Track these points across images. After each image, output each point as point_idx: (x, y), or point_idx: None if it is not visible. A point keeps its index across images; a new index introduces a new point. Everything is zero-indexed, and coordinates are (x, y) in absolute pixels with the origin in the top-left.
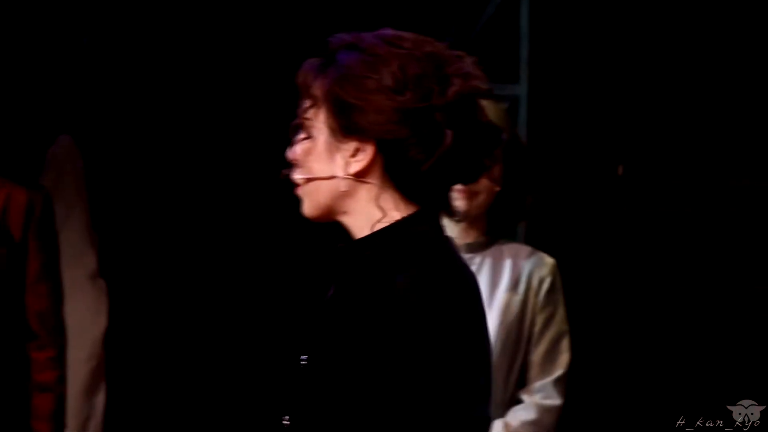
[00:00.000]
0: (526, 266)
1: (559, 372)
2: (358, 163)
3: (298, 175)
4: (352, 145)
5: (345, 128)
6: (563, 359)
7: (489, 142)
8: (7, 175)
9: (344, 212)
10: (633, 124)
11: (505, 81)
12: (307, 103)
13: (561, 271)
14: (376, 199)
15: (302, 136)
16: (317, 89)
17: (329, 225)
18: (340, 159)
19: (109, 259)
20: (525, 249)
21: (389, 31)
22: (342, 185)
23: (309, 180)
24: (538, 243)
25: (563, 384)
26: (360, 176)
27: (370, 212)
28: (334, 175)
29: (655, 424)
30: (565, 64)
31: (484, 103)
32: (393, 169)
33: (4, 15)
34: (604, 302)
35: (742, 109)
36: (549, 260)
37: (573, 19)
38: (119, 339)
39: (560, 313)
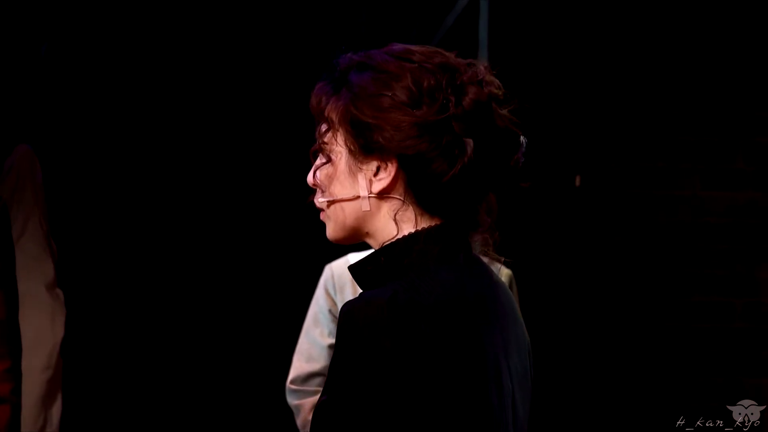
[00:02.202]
0: None
1: None
2: (381, 182)
3: (321, 199)
4: (373, 164)
5: (364, 148)
6: None
7: (509, 148)
8: None
9: (367, 232)
10: (590, 134)
11: None
12: (324, 127)
13: (518, 281)
14: (397, 216)
15: (322, 160)
16: (332, 112)
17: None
18: (362, 179)
19: (67, 268)
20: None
21: (397, 46)
22: (365, 205)
23: (332, 203)
24: (495, 253)
25: None
26: (383, 194)
27: (391, 230)
28: (357, 196)
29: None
30: (524, 74)
31: None
32: (416, 184)
33: None
34: (561, 313)
35: (697, 122)
36: (505, 271)
37: (531, 29)
38: (76, 349)
39: None
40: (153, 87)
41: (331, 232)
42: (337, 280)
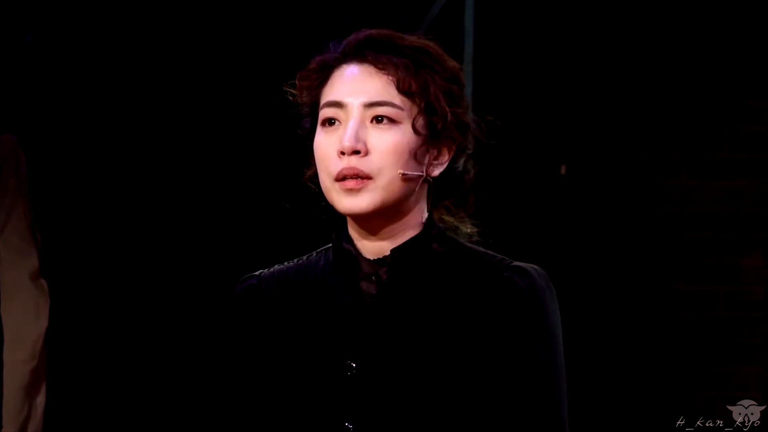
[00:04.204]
0: None
1: None
2: (440, 167)
3: (399, 170)
4: (435, 149)
5: (438, 134)
6: None
7: None
8: None
9: (401, 210)
10: (576, 124)
11: None
12: (400, 100)
13: None
14: (426, 200)
15: (396, 131)
16: (415, 87)
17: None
18: (426, 160)
19: (51, 259)
20: None
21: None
22: (416, 185)
23: (405, 176)
24: (479, 242)
25: None
26: (432, 178)
27: (422, 211)
28: (422, 174)
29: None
30: (509, 64)
31: None
32: (448, 177)
33: None
34: None
35: (682, 111)
36: None
37: (517, 19)
38: (60, 340)
39: None
40: (138, 78)
41: (376, 201)
42: None
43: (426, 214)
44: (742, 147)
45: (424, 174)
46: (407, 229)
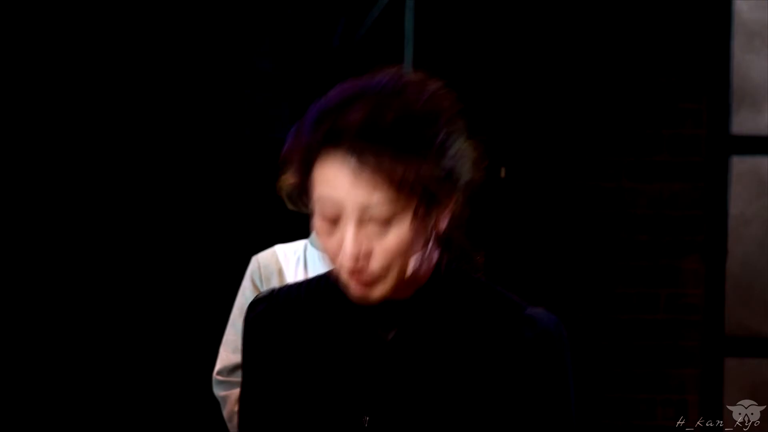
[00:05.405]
0: None
1: None
2: (447, 217)
3: (411, 269)
4: (439, 208)
5: (437, 201)
6: None
7: None
8: None
9: (411, 275)
10: (515, 127)
11: None
12: (394, 194)
13: None
14: (437, 247)
15: (396, 227)
16: (407, 175)
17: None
18: (431, 223)
19: None
20: None
21: (435, 86)
22: (426, 248)
23: (406, 265)
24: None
25: None
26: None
27: (432, 259)
28: (428, 240)
29: None
30: (449, 68)
31: None
32: (454, 221)
33: None
34: None
35: (621, 114)
36: None
37: (457, 22)
38: (5, 343)
39: None
40: (82, 78)
41: (388, 291)
42: (264, 271)
43: (438, 255)
44: (680, 150)
45: (431, 237)
46: (422, 276)
